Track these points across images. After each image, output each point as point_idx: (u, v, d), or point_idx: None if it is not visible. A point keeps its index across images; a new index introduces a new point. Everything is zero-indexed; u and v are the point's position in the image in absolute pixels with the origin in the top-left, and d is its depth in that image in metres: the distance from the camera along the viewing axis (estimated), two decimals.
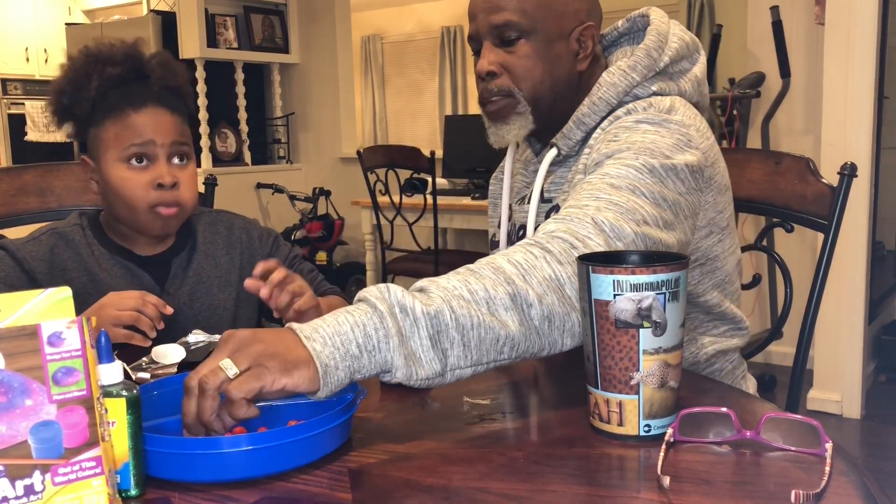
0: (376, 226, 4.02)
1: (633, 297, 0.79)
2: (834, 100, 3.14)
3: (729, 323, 1.27)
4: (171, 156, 1.29)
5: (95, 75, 1.27)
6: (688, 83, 1.23)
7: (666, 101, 1.16)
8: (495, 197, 1.46)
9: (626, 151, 1.07)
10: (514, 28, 1.18)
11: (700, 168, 1.11)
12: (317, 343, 0.79)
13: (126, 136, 1.27)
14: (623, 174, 1.04)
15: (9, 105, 6.93)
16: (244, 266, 1.40)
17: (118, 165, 1.28)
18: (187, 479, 0.76)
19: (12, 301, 0.64)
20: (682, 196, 1.07)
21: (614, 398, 0.82)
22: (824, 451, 0.75)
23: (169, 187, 1.27)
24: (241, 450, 0.75)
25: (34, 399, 0.63)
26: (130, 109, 1.27)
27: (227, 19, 5.09)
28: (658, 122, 1.12)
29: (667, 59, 1.20)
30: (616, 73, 1.19)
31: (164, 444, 0.76)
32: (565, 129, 1.23)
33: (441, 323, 0.83)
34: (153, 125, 1.27)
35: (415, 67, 9.17)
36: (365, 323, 0.81)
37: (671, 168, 1.06)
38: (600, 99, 1.19)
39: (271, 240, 1.45)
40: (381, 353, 0.80)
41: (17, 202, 1.59)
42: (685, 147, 1.10)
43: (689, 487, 0.71)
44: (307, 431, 0.77)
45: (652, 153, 1.06)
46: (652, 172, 1.04)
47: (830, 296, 2.75)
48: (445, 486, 0.74)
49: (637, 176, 1.03)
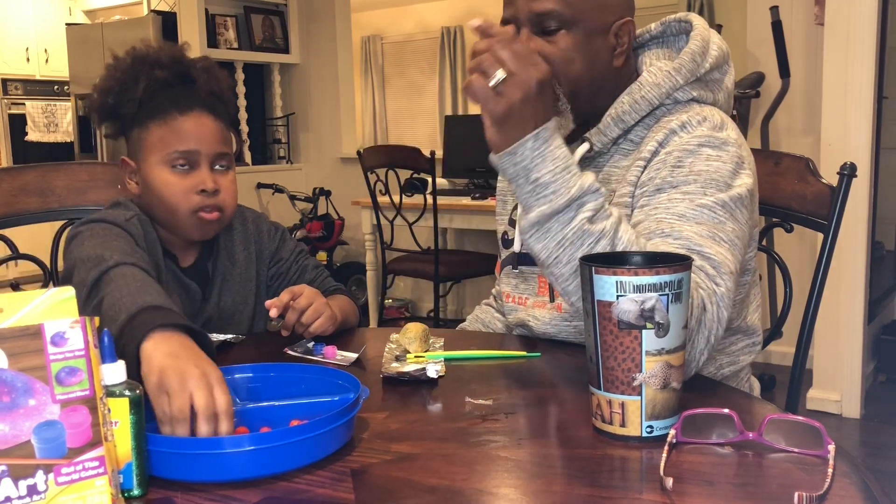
0: (376, 226, 4.02)
1: (636, 298, 0.79)
2: (834, 100, 3.14)
3: (745, 338, 1.26)
4: (214, 163, 1.30)
5: (143, 77, 1.28)
6: (721, 93, 1.23)
7: (715, 114, 1.16)
8: (504, 194, 1.43)
9: (692, 184, 1.09)
10: (557, 18, 1.14)
11: (755, 189, 1.15)
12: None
13: (171, 140, 1.27)
14: (699, 218, 1.06)
15: (9, 105, 6.93)
16: (258, 259, 1.41)
17: (161, 168, 1.28)
18: (190, 479, 0.76)
19: (15, 301, 0.64)
20: (747, 223, 1.11)
21: (617, 399, 0.82)
22: (827, 452, 0.75)
23: (211, 193, 1.28)
24: (243, 450, 0.75)
25: (37, 399, 0.63)
26: (177, 113, 1.27)
27: (228, 19, 5.09)
28: (717, 145, 1.12)
29: (707, 66, 1.19)
30: (659, 74, 1.18)
31: (167, 444, 0.76)
32: (602, 126, 1.20)
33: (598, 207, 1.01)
34: (198, 131, 1.28)
35: (415, 68, 9.17)
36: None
37: (738, 199, 1.09)
38: (643, 98, 1.18)
39: (278, 235, 1.45)
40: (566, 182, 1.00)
41: (18, 202, 1.58)
42: (740, 170, 1.12)
43: (691, 489, 0.71)
44: (310, 431, 0.77)
45: (717, 185, 1.09)
46: (724, 208, 1.07)
47: (830, 296, 2.75)
48: (448, 487, 0.74)
49: (712, 217, 1.06)
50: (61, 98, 7.10)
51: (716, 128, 1.14)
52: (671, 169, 1.11)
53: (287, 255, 1.43)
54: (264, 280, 1.42)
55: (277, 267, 1.42)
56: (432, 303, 4.19)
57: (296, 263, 1.43)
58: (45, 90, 7.14)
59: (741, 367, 1.27)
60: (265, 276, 1.42)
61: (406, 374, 1.04)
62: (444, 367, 1.08)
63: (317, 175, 5.45)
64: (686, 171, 1.10)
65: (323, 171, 5.45)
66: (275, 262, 1.42)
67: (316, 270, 1.44)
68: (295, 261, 1.43)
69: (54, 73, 7.07)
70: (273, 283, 1.42)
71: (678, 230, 1.05)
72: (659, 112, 1.19)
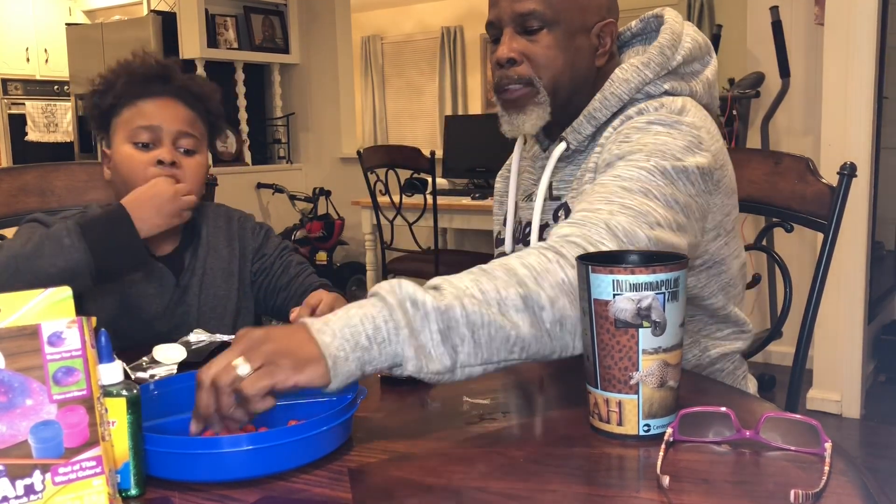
0: (376, 226, 4.02)
1: (632, 297, 0.79)
2: (833, 100, 3.14)
3: (732, 326, 1.27)
4: (177, 141, 1.33)
5: (124, 74, 1.34)
6: (699, 84, 1.23)
7: (678, 101, 1.16)
8: (501, 195, 1.45)
9: (637, 153, 1.07)
10: (538, 17, 1.17)
11: (710, 170, 1.12)
12: (326, 336, 0.79)
13: (136, 118, 1.32)
14: (635, 176, 1.04)
15: (9, 105, 6.94)
16: (242, 256, 1.44)
17: (125, 145, 1.32)
18: (188, 479, 0.76)
19: (13, 301, 0.64)
20: (692, 198, 1.08)
21: (614, 398, 0.82)
22: (824, 450, 0.75)
23: (168, 165, 1.30)
24: (241, 449, 0.75)
25: (34, 399, 0.63)
26: (147, 97, 1.33)
27: (228, 19, 5.09)
28: (670, 123, 1.12)
29: (679, 58, 1.19)
30: (628, 69, 1.19)
31: (165, 443, 0.76)
32: (575, 124, 1.22)
33: (452, 319, 0.83)
34: (162, 111, 1.33)
35: (414, 68, 9.17)
36: (374, 315, 0.81)
37: (682, 170, 1.07)
38: (612, 94, 1.19)
39: (262, 232, 1.48)
40: (392, 345, 0.81)
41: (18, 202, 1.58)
42: (695, 149, 1.10)
43: (688, 487, 0.71)
44: (307, 431, 0.77)
45: (663, 155, 1.07)
46: (663, 174, 1.05)
47: (830, 296, 2.75)
48: (446, 486, 0.74)
49: (649, 178, 1.04)
50: (61, 98, 7.11)
51: (673, 112, 1.14)
52: (619, 144, 1.12)
53: (270, 251, 1.45)
54: (248, 276, 1.44)
55: (261, 262, 1.44)
56: None
57: (279, 259, 1.45)
58: (45, 90, 7.15)
59: (729, 352, 1.28)
60: (248, 273, 1.44)
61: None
62: None
63: (317, 175, 5.45)
64: (632, 144, 1.10)
65: (323, 171, 5.45)
66: (258, 258, 1.45)
67: (299, 266, 1.45)
68: (279, 256, 1.45)
69: (54, 73, 7.08)
70: (257, 278, 1.45)
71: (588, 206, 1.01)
72: (629, 107, 1.19)
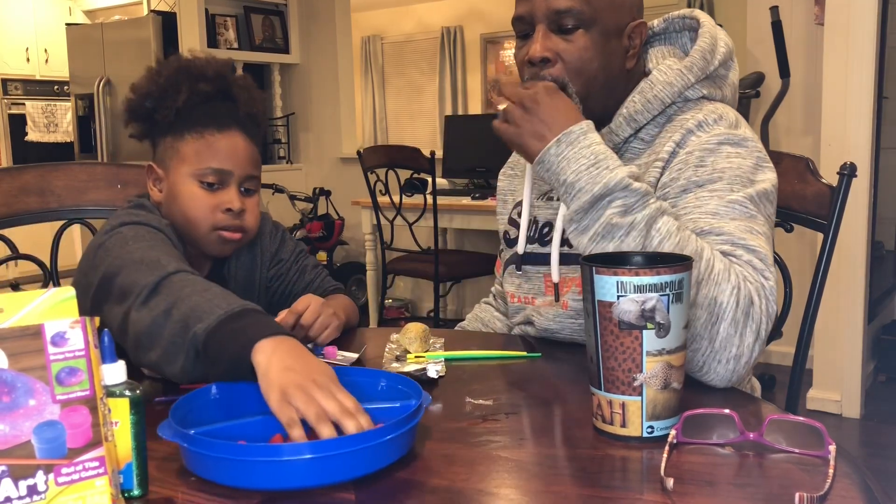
0: (376, 226, 4.02)
1: (636, 299, 0.79)
2: (833, 100, 3.14)
3: None
4: (242, 184, 1.29)
5: (185, 87, 1.26)
6: (728, 89, 1.23)
7: (729, 112, 1.17)
8: (504, 193, 1.42)
9: (718, 182, 1.10)
10: (576, 16, 1.13)
11: (777, 184, 1.15)
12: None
13: (206, 155, 1.26)
14: (731, 213, 1.07)
15: (9, 105, 6.93)
16: (261, 262, 1.41)
17: (190, 181, 1.26)
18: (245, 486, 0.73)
19: (16, 301, 0.64)
20: (772, 217, 1.13)
21: (617, 399, 0.82)
22: (828, 453, 0.75)
23: (237, 214, 1.27)
24: (302, 458, 0.72)
25: (38, 399, 0.63)
26: (215, 129, 1.26)
27: (228, 19, 5.09)
28: (736, 142, 1.13)
29: (717, 63, 1.19)
30: (670, 72, 1.17)
31: (226, 450, 0.73)
32: (613, 125, 1.20)
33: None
34: (233, 151, 1.27)
35: (415, 68, 9.17)
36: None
37: (763, 193, 1.11)
38: (655, 97, 1.17)
39: (279, 235, 1.45)
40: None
41: (18, 202, 1.58)
42: (761, 165, 1.13)
43: (692, 489, 0.71)
44: (373, 439, 0.74)
45: (742, 182, 1.10)
46: (752, 202, 1.09)
47: (830, 296, 2.75)
48: (448, 487, 0.74)
49: (744, 211, 1.08)
50: (61, 98, 7.10)
51: (732, 126, 1.15)
52: (694, 169, 1.11)
53: (287, 256, 1.43)
54: (264, 282, 1.41)
55: (277, 268, 1.42)
56: (432, 303, 4.19)
57: (296, 264, 1.43)
58: (45, 90, 7.14)
59: None
60: (265, 278, 1.41)
61: (406, 375, 1.04)
62: (445, 368, 1.08)
63: (317, 175, 5.45)
64: (710, 170, 1.11)
65: (323, 171, 5.45)
66: (275, 264, 1.42)
67: (315, 270, 1.44)
68: (295, 261, 1.43)
69: (54, 73, 7.07)
70: (273, 283, 1.42)
71: (717, 227, 1.06)
72: (670, 111, 1.19)
